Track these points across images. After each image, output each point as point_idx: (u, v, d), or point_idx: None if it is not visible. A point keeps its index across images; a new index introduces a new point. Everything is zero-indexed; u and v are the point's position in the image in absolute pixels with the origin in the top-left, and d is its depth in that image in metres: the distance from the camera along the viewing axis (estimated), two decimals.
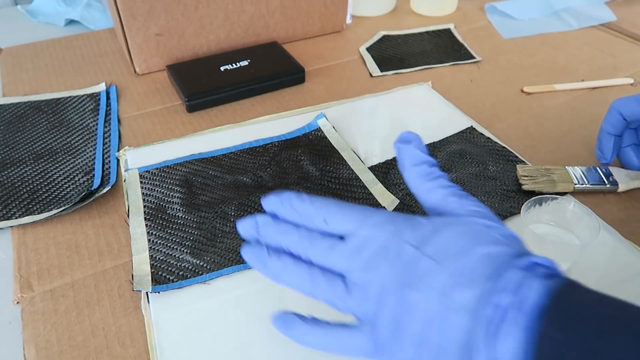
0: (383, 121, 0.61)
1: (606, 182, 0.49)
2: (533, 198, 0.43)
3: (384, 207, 0.46)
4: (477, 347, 0.25)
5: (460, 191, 0.33)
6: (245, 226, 0.34)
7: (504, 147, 0.55)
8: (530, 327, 0.24)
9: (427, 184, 0.33)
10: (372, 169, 0.52)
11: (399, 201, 0.46)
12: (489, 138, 0.56)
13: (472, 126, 0.58)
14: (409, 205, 0.48)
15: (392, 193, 0.48)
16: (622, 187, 0.49)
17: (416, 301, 0.27)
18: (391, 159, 0.54)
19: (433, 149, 0.55)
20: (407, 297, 0.27)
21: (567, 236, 0.43)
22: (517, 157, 0.53)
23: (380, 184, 0.49)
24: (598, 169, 0.50)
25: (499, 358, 0.24)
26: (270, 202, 0.34)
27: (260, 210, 0.47)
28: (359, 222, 0.31)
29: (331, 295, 0.30)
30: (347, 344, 0.30)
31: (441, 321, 0.26)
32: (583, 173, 0.50)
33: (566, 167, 0.50)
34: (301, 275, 0.31)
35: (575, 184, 0.48)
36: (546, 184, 0.48)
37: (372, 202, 0.47)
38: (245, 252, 0.33)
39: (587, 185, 0.49)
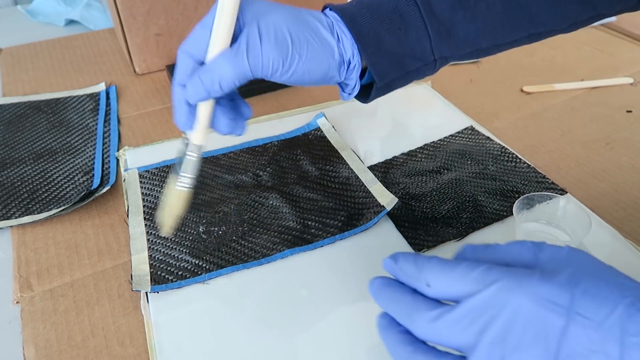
0: (383, 121, 0.61)
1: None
2: (525, 196, 0.43)
3: (383, 206, 0.46)
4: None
5: None
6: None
7: (504, 147, 0.55)
8: None
9: None
10: (372, 168, 0.52)
11: (397, 199, 0.46)
12: (488, 138, 0.56)
13: (471, 126, 0.58)
14: (408, 204, 0.48)
15: (391, 192, 0.48)
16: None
17: None
18: (390, 159, 0.54)
19: (433, 149, 0.55)
20: None
21: (558, 234, 0.44)
22: (517, 156, 0.53)
23: (379, 183, 0.49)
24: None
25: None
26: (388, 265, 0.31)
27: (260, 209, 0.47)
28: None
29: None
30: None
31: None
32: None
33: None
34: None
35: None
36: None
37: (371, 202, 0.47)
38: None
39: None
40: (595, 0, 0.39)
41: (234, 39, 0.34)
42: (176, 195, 0.38)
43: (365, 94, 0.40)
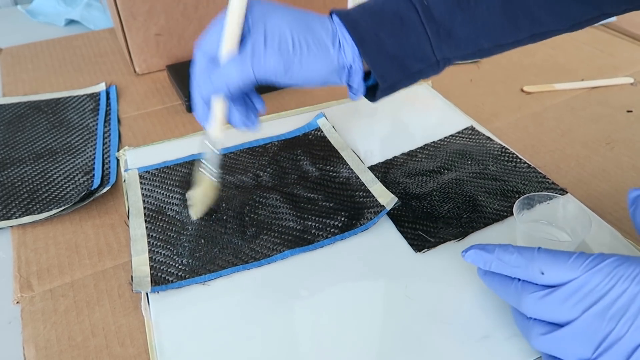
0: (383, 121, 0.61)
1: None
2: (525, 196, 0.43)
3: (383, 206, 0.46)
4: None
5: None
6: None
7: (504, 147, 0.55)
8: None
9: None
10: (372, 168, 0.52)
11: (397, 199, 0.46)
12: (488, 138, 0.56)
13: (472, 126, 0.58)
14: (408, 204, 0.48)
15: (391, 192, 0.48)
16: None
17: None
18: (391, 159, 0.54)
19: (433, 149, 0.55)
20: None
21: (558, 234, 0.44)
22: (517, 156, 0.53)
23: (379, 183, 0.49)
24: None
25: None
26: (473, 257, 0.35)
27: (260, 210, 0.47)
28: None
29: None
30: None
31: None
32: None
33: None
34: None
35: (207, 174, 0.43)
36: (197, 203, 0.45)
37: (371, 202, 0.47)
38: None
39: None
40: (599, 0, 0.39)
41: (243, 38, 0.36)
42: (203, 182, 0.43)
43: (373, 94, 0.41)
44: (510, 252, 0.33)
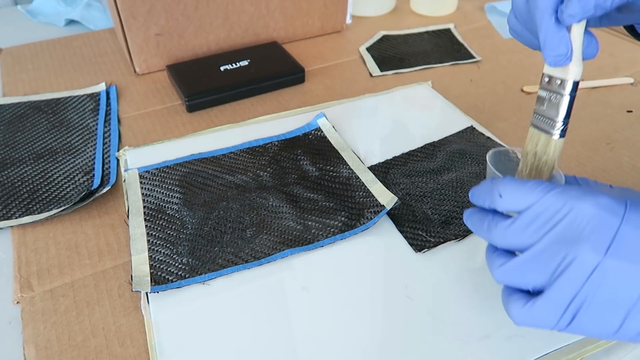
0: (383, 121, 0.61)
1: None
2: (497, 149, 0.42)
3: (383, 206, 0.46)
4: None
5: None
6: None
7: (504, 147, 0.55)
8: None
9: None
10: (372, 168, 0.52)
11: (397, 199, 0.46)
12: (489, 137, 0.56)
13: (472, 126, 0.58)
14: (408, 204, 0.48)
15: (391, 192, 0.48)
16: None
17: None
18: (391, 159, 0.54)
19: (433, 148, 0.55)
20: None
21: None
22: (517, 156, 0.53)
23: (379, 183, 0.49)
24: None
25: None
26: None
27: (260, 209, 0.47)
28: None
29: None
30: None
31: None
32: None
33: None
34: None
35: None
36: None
37: (371, 201, 0.47)
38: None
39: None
40: None
41: None
42: (555, 146, 0.35)
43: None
44: (485, 181, 0.34)
